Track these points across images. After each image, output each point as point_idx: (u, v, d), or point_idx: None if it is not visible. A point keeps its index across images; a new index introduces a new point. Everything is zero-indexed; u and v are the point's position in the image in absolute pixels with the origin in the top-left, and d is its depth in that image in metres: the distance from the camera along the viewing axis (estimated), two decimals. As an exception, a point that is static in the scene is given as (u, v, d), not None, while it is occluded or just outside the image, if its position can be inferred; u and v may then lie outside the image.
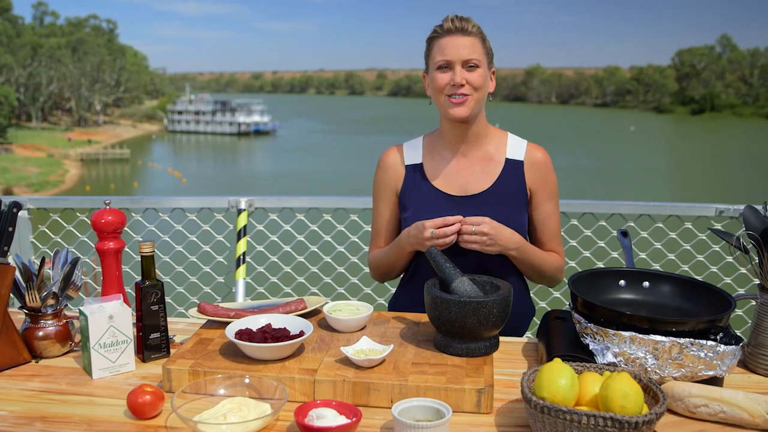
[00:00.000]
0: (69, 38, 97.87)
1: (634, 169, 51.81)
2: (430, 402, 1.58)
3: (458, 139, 2.40)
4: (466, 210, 2.33)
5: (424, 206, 2.38)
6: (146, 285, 2.00)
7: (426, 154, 2.46)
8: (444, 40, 2.28)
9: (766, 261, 1.94)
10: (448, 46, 2.26)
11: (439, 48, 2.28)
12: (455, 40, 2.26)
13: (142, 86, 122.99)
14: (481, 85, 2.28)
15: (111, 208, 2.18)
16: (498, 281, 2.06)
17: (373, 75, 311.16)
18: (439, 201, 2.38)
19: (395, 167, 2.48)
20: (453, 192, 2.39)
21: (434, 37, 2.32)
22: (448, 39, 2.27)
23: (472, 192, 2.38)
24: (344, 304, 2.22)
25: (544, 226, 2.46)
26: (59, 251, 2.17)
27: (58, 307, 2.08)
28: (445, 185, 2.40)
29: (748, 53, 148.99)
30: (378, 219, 2.56)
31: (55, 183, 51.71)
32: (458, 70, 2.25)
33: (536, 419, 1.52)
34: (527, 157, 2.40)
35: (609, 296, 2.10)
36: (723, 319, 1.79)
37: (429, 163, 2.44)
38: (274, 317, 2.04)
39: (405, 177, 2.45)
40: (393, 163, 2.49)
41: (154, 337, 2.02)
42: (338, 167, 54.15)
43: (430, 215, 2.30)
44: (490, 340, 1.95)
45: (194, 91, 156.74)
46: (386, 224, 2.54)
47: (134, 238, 3.85)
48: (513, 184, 2.38)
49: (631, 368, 1.75)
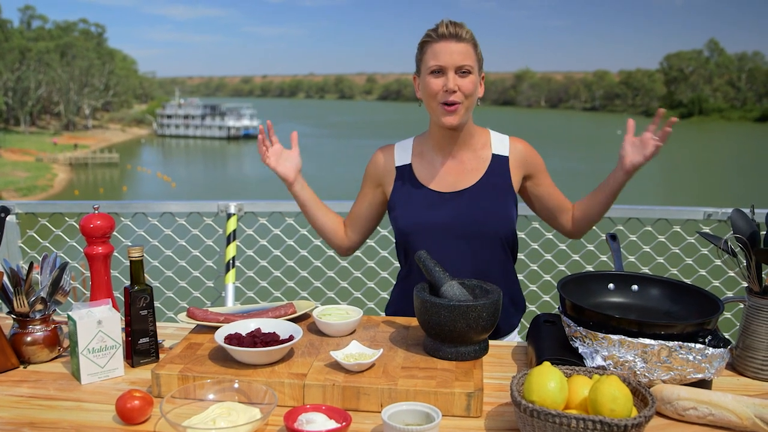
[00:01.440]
0: (57, 42, 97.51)
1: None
2: (419, 406, 1.58)
3: (447, 142, 2.43)
4: (456, 205, 2.39)
5: (414, 204, 2.41)
6: (135, 290, 1.99)
7: (415, 155, 2.49)
8: (438, 45, 2.28)
9: (753, 264, 1.95)
10: (442, 51, 2.27)
11: (433, 53, 2.29)
12: (449, 45, 2.27)
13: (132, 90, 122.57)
14: (472, 92, 2.31)
15: (100, 212, 2.18)
16: (487, 285, 2.06)
17: (362, 79, 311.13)
18: (428, 198, 2.41)
19: (386, 166, 2.52)
20: (442, 189, 2.42)
21: (428, 42, 2.32)
22: (442, 44, 2.28)
23: (461, 188, 2.42)
24: (334, 309, 2.22)
25: (555, 194, 2.57)
26: (48, 256, 2.16)
27: (46, 312, 2.07)
28: (434, 184, 2.43)
29: (735, 57, 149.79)
30: (355, 202, 2.63)
31: (44, 187, 51.48)
32: (451, 76, 2.27)
33: (526, 423, 1.52)
34: (512, 151, 2.47)
35: (598, 300, 2.11)
36: (711, 322, 1.80)
37: (418, 164, 2.47)
38: (263, 322, 2.03)
39: (395, 178, 2.49)
40: (384, 161, 2.52)
41: (143, 342, 2.02)
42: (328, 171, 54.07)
43: (420, 213, 2.38)
44: (479, 344, 1.95)
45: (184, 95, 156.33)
46: (358, 209, 2.61)
47: (123, 242, 3.83)
48: (500, 178, 2.44)
49: (620, 371, 1.76)
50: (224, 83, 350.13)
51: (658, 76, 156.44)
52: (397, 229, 2.47)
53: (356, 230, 2.63)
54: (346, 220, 2.64)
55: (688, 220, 3.59)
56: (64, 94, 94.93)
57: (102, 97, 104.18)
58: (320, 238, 2.69)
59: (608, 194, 2.44)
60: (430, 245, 2.32)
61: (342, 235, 2.63)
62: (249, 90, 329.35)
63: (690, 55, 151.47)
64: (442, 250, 2.35)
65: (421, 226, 2.39)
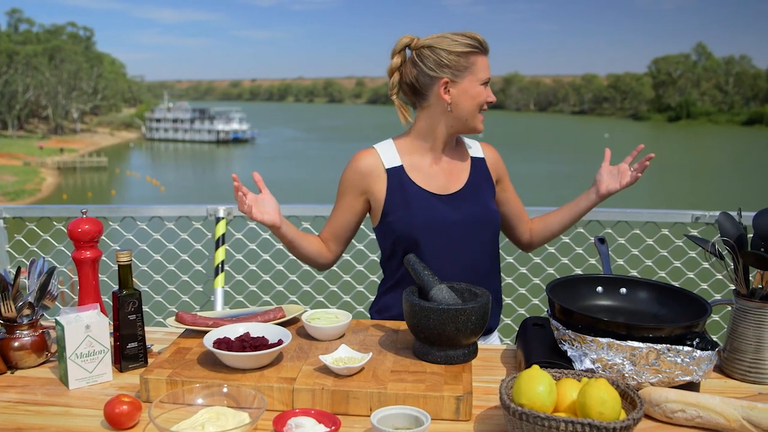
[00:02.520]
0: (45, 46, 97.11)
1: (611, 176, 51.90)
2: (408, 410, 1.58)
3: (443, 145, 2.47)
4: (451, 206, 2.42)
5: (415, 205, 2.39)
6: (123, 294, 1.98)
7: (403, 156, 2.47)
8: (483, 58, 2.40)
9: (740, 267, 1.96)
10: (486, 65, 2.41)
11: (484, 65, 2.40)
12: (486, 60, 2.41)
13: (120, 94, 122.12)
14: None
15: (88, 216, 2.17)
16: (476, 288, 2.07)
17: (351, 83, 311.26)
18: (427, 199, 2.41)
19: (374, 170, 2.45)
20: (435, 191, 2.44)
21: (476, 53, 2.38)
22: (485, 58, 2.41)
23: (452, 190, 2.45)
24: (323, 313, 2.21)
25: (517, 202, 2.70)
26: (35, 260, 2.15)
27: (34, 317, 2.06)
28: (427, 185, 2.44)
29: (723, 61, 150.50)
30: (334, 215, 2.56)
31: (32, 191, 51.22)
32: (489, 88, 2.43)
33: (515, 426, 1.52)
34: (486, 153, 2.60)
35: (586, 303, 2.12)
36: (699, 324, 1.81)
37: (409, 165, 2.46)
38: (252, 326, 2.03)
39: (388, 181, 2.44)
40: (370, 166, 2.46)
41: (132, 347, 2.01)
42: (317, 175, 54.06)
43: (422, 213, 2.38)
44: (468, 348, 1.95)
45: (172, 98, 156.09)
46: (341, 221, 2.55)
47: (111, 247, 3.82)
48: (482, 179, 2.53)
49: (609, 374, 1.77)
50: (213, 87, 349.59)
51: (646, 79, 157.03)
52: (397, 232, 2.42)
53: (339, 242, 2.58)
54: (326, 234, 2.58)
55: (676, 223, 3.60)
56: (53, 97, 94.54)
57: (90, 100, 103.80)
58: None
59: (576, 213, 2.63)
60: (434, 247, 2.36)
61: (326, 253, 2.58)
62: (238, 94, 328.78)
63: (678, 58, 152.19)
64: (444, 251, 2.37)
65: (427, 227, 2.38)
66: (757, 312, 1.94)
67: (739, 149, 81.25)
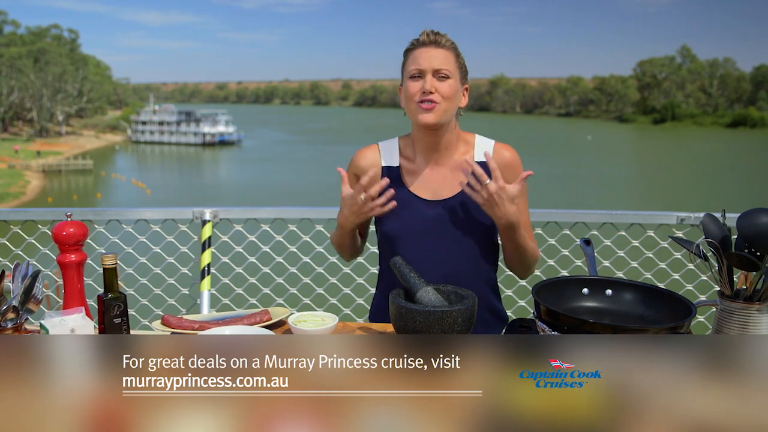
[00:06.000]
0: (30, 48, 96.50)
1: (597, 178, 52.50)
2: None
3: (430, 148, 2.42)
4: (437, 214, 2.39)
5: (400, 208, 2.37)
6: (109, 298, 1.98)
7: (402, 157, 2.48)
8: (418, 51, 2.34)
9: (725, 268, 1.98)
10: (421, 56, 2.32)
11: (413, 58, 2.34)
12: (428, 51, 2.32)
13: (105, 96, 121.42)
14: (451, 96, 2.32)
15: (73, 220, 2.16)
16: (463, 291, 2.07)
17: (338, 85, 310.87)
18: (413, 204, 2.41)
19: (370, 165, 2.46)
20: (426, 197, 2.42)
21: (410, 49, 2.37)
22: (421, 50, 2.33)
23: (444, 197, 2.41)
24: (309, 315, 2.21)
25: (523, 219, 2.44)
26: (20, 264, 2.14)
27: (18, 321, 2.04)
28: (419, 190, 2.43)
29: (707, 64, 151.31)
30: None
31: (16, 194, 50.89)
32: (428, 78, 2.29)
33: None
34: (495, 157, 2.40)
35: (572, 304, 2.12)
36: (684, 325, 1.82)
37: (405, 167, 2.47)
38: (238, 329, 2.03)
39: (381, 178, 2.42)
40: (367, 161, 2.49)
41: (117, 351, 2.00)
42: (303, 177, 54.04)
43: (406, 217, 2.38)
44: (455, 350, 1.95)
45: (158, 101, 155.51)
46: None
47: (97, 250, 3.79)
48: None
49: (595, 375, 1.77)
50: (199, 89, 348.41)
51: (631, 81, 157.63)
52: (381, 232, 2.47)
53: (363, 235, 2.65)
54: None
55: (661, 225, 3.62)
56: (37, 100, 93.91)
57: (75, 103, 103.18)
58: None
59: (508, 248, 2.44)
60: (413, 251, 2.35)
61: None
62: (224, 96, 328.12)
63: (663, 61, 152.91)
64: (422, 257, 2.35)
65: (406, 231, 2.39)
66: (742, 313, 1.96)
67: (724, 151, 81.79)
